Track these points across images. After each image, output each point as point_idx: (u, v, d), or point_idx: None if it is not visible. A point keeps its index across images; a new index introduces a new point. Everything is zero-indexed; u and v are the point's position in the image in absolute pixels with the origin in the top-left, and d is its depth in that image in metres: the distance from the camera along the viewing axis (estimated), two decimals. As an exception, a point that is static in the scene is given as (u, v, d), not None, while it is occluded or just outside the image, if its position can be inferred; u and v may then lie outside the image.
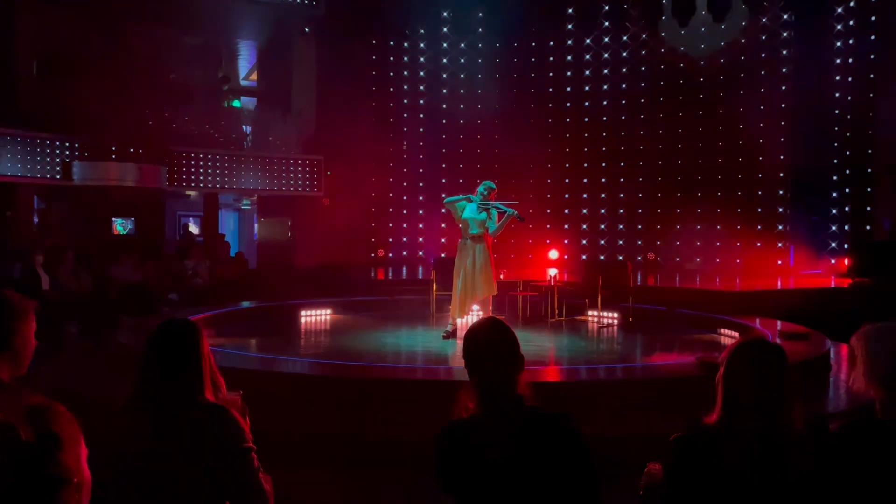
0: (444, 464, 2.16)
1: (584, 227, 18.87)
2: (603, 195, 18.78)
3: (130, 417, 2.17)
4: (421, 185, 18.92)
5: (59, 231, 14.18)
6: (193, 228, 18.36)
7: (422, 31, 19.02)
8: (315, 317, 10.48)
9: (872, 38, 15.95)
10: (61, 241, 12.26)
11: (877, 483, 1.99)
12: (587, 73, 18.81)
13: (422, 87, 19.20)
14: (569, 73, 18.90)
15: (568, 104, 18.92)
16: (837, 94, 16.50)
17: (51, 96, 13.89)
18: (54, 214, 15.18)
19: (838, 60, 16.48)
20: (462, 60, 19.08)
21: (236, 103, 18.29)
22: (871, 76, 15.82)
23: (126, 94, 13.55)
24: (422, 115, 19.19)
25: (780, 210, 16.98)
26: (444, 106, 19.16)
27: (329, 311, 10.66)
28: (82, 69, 13.54)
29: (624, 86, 18.46)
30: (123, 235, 15.11)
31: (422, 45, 19.16)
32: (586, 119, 18.80)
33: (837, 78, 16.47)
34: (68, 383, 6.38)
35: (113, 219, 15.06)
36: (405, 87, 19.15)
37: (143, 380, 2.22)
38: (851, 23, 16.32)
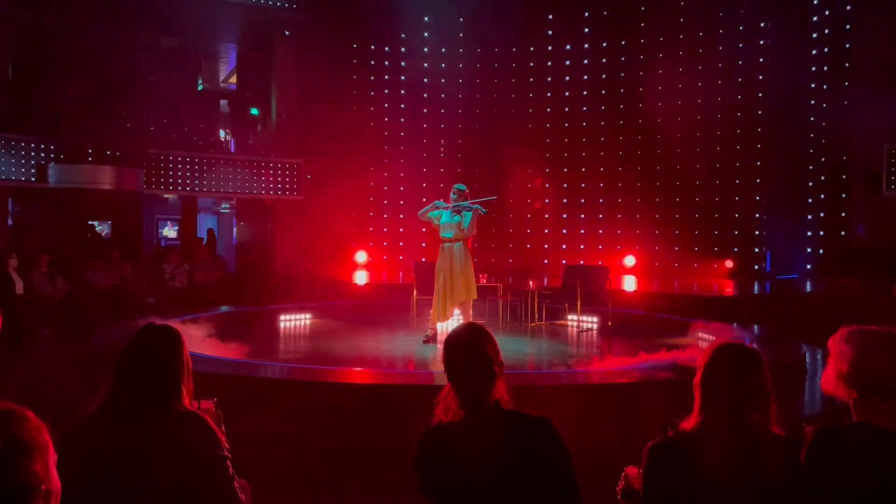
0: (425, 467, 2.16)
1: (564, 231, 18.94)
2: (583, 200, 18.87)
3: (101, 424, 2.13)
4: (402, 189, 18.88)
5: (34, 234, 13.97)
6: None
7: (403, 35, 19.00)
8: (294, 321, 10.39)
9: (847, 45, 16.19)
10: (36, 245, 12.07)
11: (852, 485, 2.00)
12: (567, 78, 18.90)
13: (402, 91, 19.17)
14: (549, 79, 18.98)
15: (548, 109, 19.00)
16: (813, 102, 16.74)
17: (26, 98, 13.70)
18: (29, 217, 14.96)
19: (814, 68, 16.71)
20: (443, 65, 19.09)
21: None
22: (846, 84, 16.04)
23: (103, 97, 13.39)
24: (402, 119, 19.15)
25: (757, 216, 17.17)
26: (425, 110, 19.15)
27: (308, 316, 10.58)
28: (58, 71, 13.36)
29: (604, 91, 18.57)
30: (100, 238, 14.91)
31: (402, 49, 19.14)
32: (566, 124, 18.88)
33: (813, 85, 16.70)
34: (39, 388, 6.28)
35: (89, 222, 14.87)
36: (386, 91, 19.11)
37: (116, 385, 2.18)
38: (827, 31, 16.56)
